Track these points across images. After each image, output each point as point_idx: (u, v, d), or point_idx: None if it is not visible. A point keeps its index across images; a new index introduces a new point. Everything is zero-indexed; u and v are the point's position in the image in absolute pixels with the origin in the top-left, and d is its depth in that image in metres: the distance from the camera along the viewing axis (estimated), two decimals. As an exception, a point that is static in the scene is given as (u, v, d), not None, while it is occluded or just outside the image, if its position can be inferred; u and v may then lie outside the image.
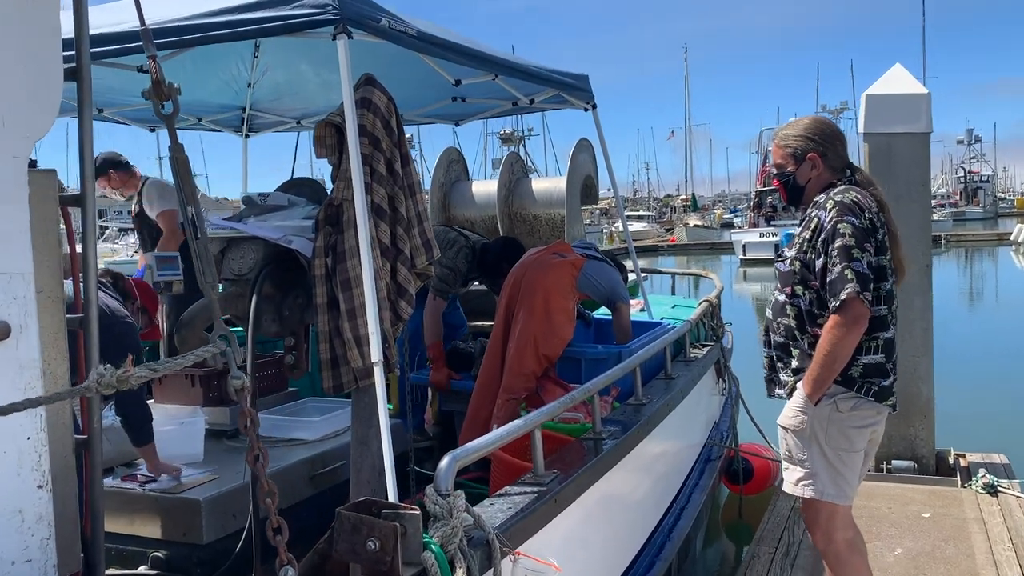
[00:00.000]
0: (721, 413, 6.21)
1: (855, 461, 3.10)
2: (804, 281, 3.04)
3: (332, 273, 3.19)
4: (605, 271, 5.05)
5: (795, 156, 3.16)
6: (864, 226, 2.93)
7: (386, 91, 3.23)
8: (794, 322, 3.09)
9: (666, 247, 47.35)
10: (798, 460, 3.10)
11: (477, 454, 2.49)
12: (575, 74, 5.21)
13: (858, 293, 2.83)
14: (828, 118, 3.28)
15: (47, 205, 2.17)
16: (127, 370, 1.44)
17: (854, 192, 3.02)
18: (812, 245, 3.00)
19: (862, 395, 3.00)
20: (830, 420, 3.02)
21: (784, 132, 3.23)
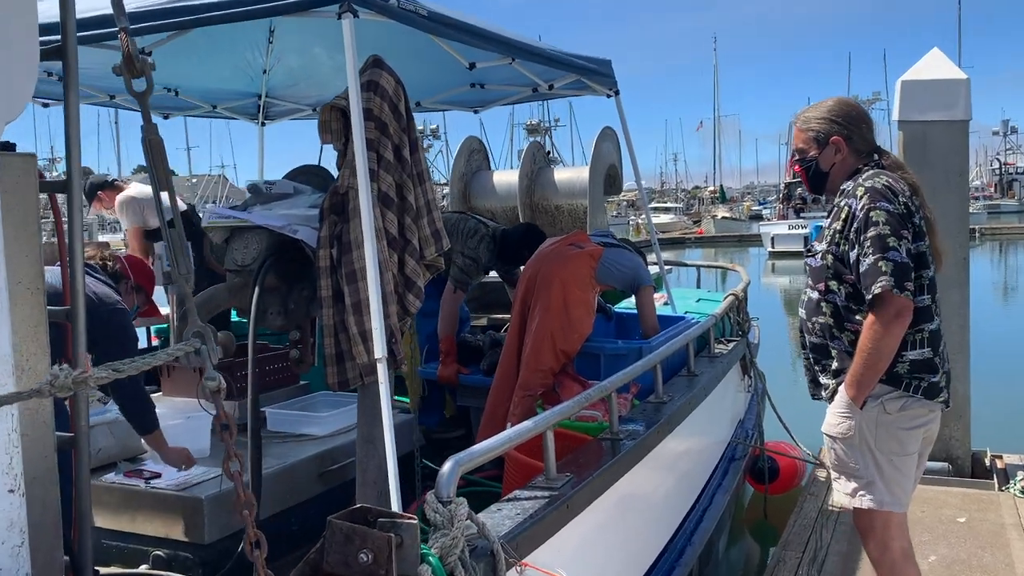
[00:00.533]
0: (747, 410, 6.02)
1: (908, 465, 2.90)
2: (838, 275, 2.85)
3: (337, 265, 3.05)
4: (625, 256, 4.88)
5: (818, 140, 2.97)
6: (899, 211, 2.73)
7: (394, 73, 3.09)
8: (831, 320, 2.89)
9: (693, 239, 46.88)
10: (850, 470, 2.90)
11: (482, 458, 2.34)
12: (597, 59, 5.03)
13: (892, 287, 2.64)
14: (853, 100, 3.07)
15: (25, 191, 2.05)
16: (84, 371, 1.31)
17: (884, 176, 2.82)
18: (844, 236, 2.80)
19: (910, 393, 2.80)
20: (878, 423, 2.82)
21: (806, 115, 3.03)
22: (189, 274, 1.70)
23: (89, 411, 3.80)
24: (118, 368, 1.40)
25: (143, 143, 1.67)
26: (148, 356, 1.48)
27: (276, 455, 3.91)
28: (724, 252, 39.11)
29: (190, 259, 1.78)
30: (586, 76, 4.90)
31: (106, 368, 1.39)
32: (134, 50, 1.64)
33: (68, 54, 2.13)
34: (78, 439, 2.34)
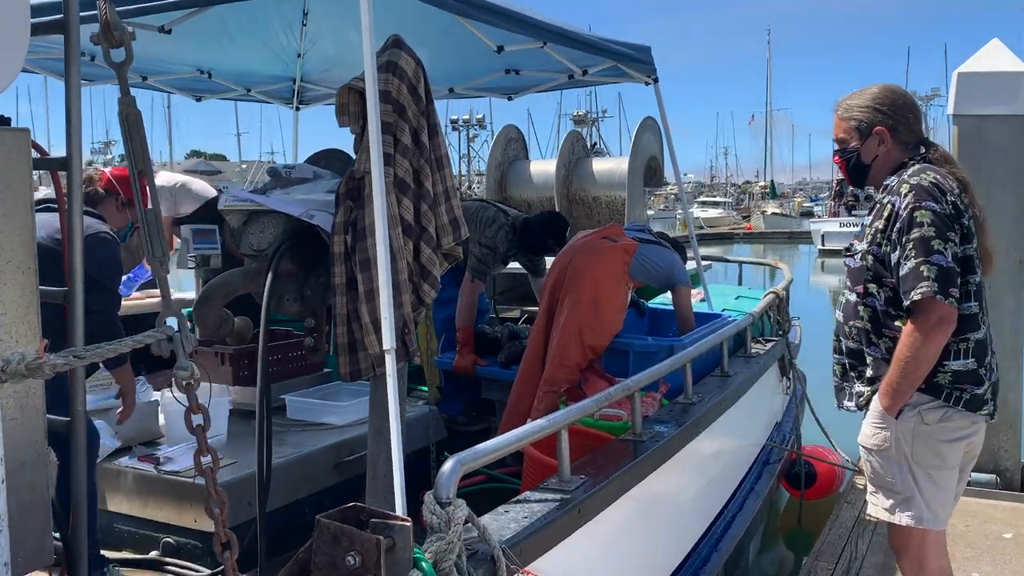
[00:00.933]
0: (784, 413, 5.82)
1: (948, 480, 2.69)
2: (878, 278, 2.66)
3: (352, 251, 2.96)
4: (661, 253, 4.73)
5: (860, 130, 2.75)
6: (946, 212, 2.52)
7: (415, 54, 2.97)
8: (868, 325, 2.70)
9: (742, 235, 46.12)
10: (887, 484, 2.71)
11: (487, 457, 2.23)
12: (635, 44, 4.86)
13: (935, 293, 2.45)
14: (900, 87, 2.84)
15: (17, 167, 1.98)
16: (39, 357, 1.22)
17: (932, 172, 2.61)
18: (887, 236, 2.60)
19: (951, 404, 2.60)
20: (915, 434, 2.63)
21: (848, 102, 2.81)
22: (164, 257, 1.61)
23: (101, 394, 3.81)
24: (79, 354, 1.31)
25: (119, 116, 1.59)
26: (114, 343, 1.39)
27: (293, 443, 3.86)
28: (773, 249, 38.41)
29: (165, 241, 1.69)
30: (623, 62, 4.74)
31: (66, 355, 1.30)
32: (113, 18, 1.56)
33: (70, 28, 2.05)
34: (74, 423, 2.28)
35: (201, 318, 3.33)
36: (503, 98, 6.17)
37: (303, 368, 4.56)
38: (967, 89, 5.07)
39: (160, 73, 5.34)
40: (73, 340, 2.23)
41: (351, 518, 1.93)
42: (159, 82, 5.46)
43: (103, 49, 1.67)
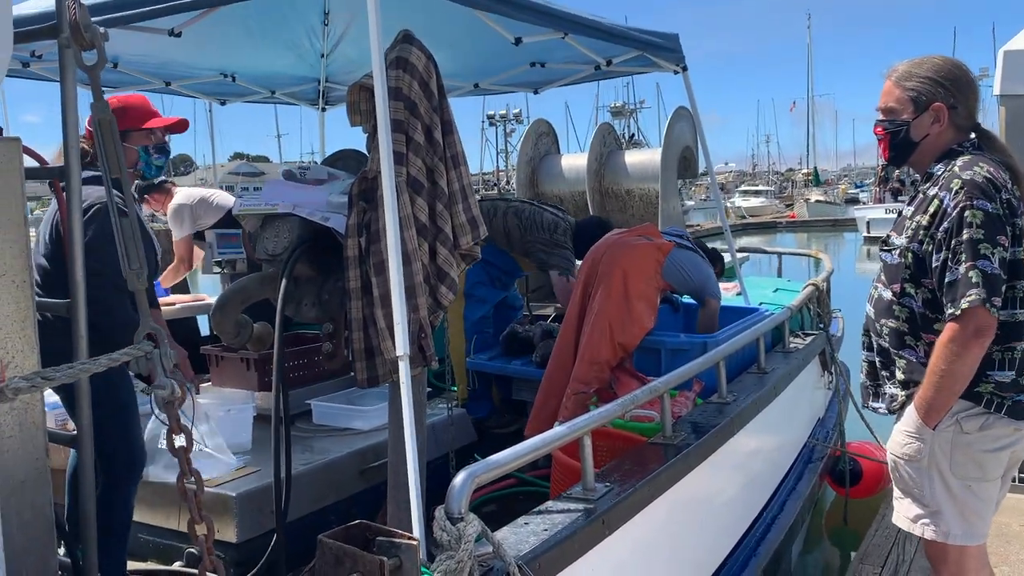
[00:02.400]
0: (827, 409, 5.62)
1: (989, 492, 2.50)
2: (916, 279, 2.45)
3: (366, 254, 2.87)
4: (697, 263, 4.63)
5: (916, 102, 2.48)
6: (998, 212, 2.30)
7: (426, 49, 2.88)
8: (905, 326, 2.51)
9: (785, 223, 45.37)
10: (915, 495, 2.53)
11: (502, 468, 2.13)
12: (662, 33, 4.71)
13: (984, 301, 2.25)
14: (963, 62, 2.52)
15: (10, 178, 1.93)
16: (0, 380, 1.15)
17: (985, 164, 2.37)
18: (930, 234, 2.39)
19: (992, 411, 2.40)
20: (954, 444, 2.43)
21: (906, 69, 2.51)
22: (142, 269, 1.53)
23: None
24: (48, 376, 1.24)
25: (92, 122, 1.51)
26: (89, 362, 1.32)
27: (318, 449, 3.80)
28: (818, 237, 37.68)
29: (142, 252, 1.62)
30: (649, 51, 4.60)
31: (33, 377, 1.23)
32: (84, 19, 1.48)
33: (62, 35, 2.00)
34: (81, 438, 2.23)
35: (218, 325, 3.28)
36: (529, 92, 6.06)
37: (331, 372, 4.51)
38: (1014, 68, 4.83)
39: (183, 78, 5.34)
40: (77, 353, 2.19)
41: (356, 536, 1.85)
42: (182, 87, 5.45)
43: (74, 52, 1.60)
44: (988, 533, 2.59)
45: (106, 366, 1.36)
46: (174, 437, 1.46)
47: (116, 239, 1.58)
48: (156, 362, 1.42)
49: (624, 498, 2.53)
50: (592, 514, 2.39)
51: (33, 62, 4.24)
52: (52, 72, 4.43)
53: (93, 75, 1.60)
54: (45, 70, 4.39)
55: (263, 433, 3.85)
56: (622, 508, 2.51)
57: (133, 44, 3.96)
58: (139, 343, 1.43)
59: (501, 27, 3.74)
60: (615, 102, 64.84)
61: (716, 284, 4.67)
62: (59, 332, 2.20)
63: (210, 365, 4.41)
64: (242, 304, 3.27)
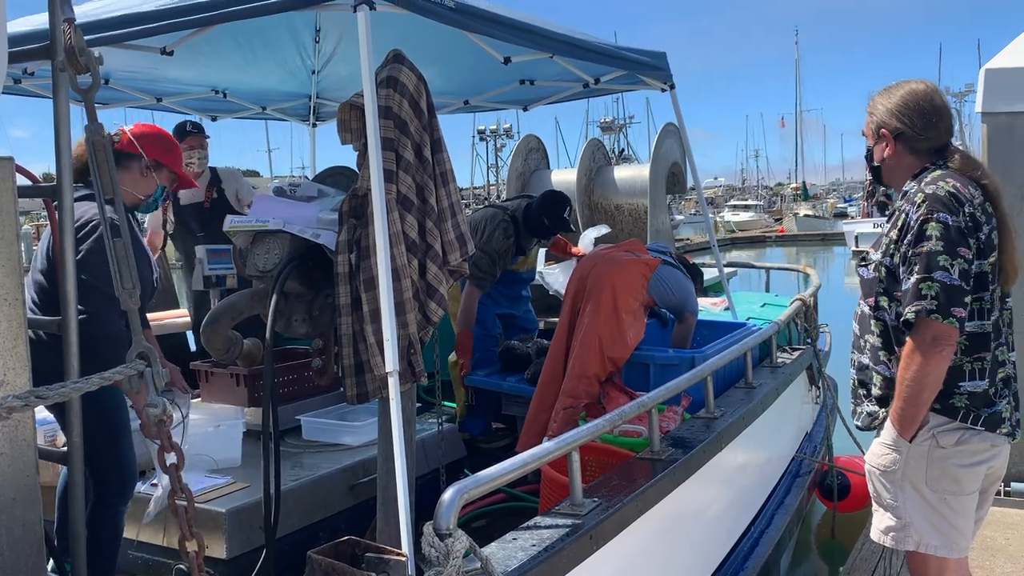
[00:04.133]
0: (814, 423, 5.66)
1: (966, 506, 2.53)
2: (889, 291, 2.52)
3: (356, 271, 2.90)
4: (679, 280, 4.67)
5: (875, 130, 2.65)
6: (959, 225, 2.37)
7: (416, 69, 2.91)
8: (879, 340, 2.57)
9: (774, 238, 45.63)
10: (887, 506, 2.58)
11: (490, 484, 2.15)
12: (649, 52, 4.77)
13: (930, 312, 2.31)
14: (934, 88, 2.65)
15: (3, 197, 1.94)
16: (-8, 400, 1.17)
17: (951, 180, 2.46)
18: (897, 248, 2.47)
19: (968, 425, 2.45)
20: (930, 459, 2.48)
21: (874, 99, 2.69)
22: (134, 288, 1.55)
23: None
24: (42, 395, 1.26)
25: (87, 144, 1.54)
26: (82, 380, 1.33)
27: (308, 465, 3.80)
28: (807, 251, 37.90)
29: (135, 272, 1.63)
30: (636, 70, 4.65)
31: (27, 396, 1.25)
32: (79, 43, 1.51)
33: (56, 55, 2.02)
34: (71, 455, 2.24)
35: (208, 341, 3.29)
36: (519, 109, 6.11)
37: (320, 387, 4.52)
38: (996, 85, 4.90)
39: (174, 94, 5.36)
40: (68, 371, 2.20)
41: (345, 552, 1.86)
42: (174, 103, 5.47)
43: (69, 75, 1.62)
44: (969, 548, 2.62)
45: (99, 384, 1.38)
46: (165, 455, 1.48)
47: (108, 258, 1.60)
48: (148, 381, 1.44)
49: (612, 513, 2.56)
50: (580, 529, 2.41)
51: (25, 79, 4.25)
52: (43, 88, 4.46)
53: (88, 98, 1.62)
54: (37, 87, 4.40)
55: (252, 448, 3.86)
56: (610, 523, 2.54)
57: (125, 61, 3.99)
58: (131, 362, 1.45)
59: (490, 47, 3.79)
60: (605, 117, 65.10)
61: (695, 300, 4.73)
62: (52, 349, 2.22)
63: (200, 381, 4.41)
64: (233, 320, 3.28)
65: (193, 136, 5.09)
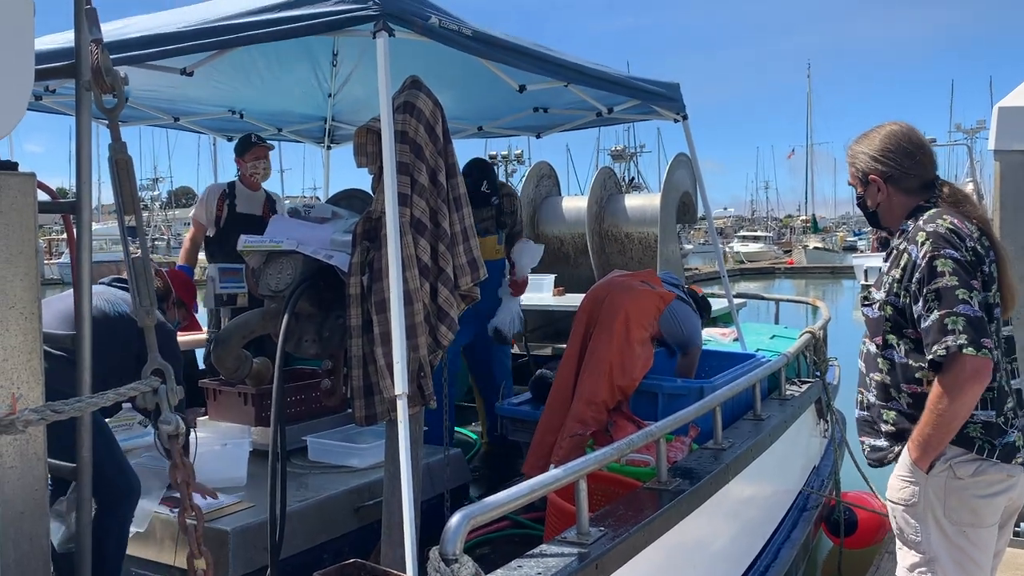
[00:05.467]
0: (822, 457, 5.62)
1: (985, 539, 2.50)
2: (898, 329, 2.52)
3: (368, 293, 2.91)
4: (689, 317, 4.68)
5: (861, 178, 2.68)
6: (966, 259, 2.39)
7: (432, 95, 2.95)
8: (888, 378, 2.56)
9: (783, 269, 45.53)
10: (911, 542, 2.55)
11: (496, 511, 2.14)
12: (663, 82, 4.81)
13: (962, 347, 2.30)
14: (910, 127, 2.69)
15: (22, 211, 1.97)
16: (11, 412, 1.18)
17: (949, 217, 2.48)
18: (903, 287, 2.48)
19: (984, 456, 2.43)
20: (948, 489, 2.46)
21: (853, 147, 2.72)
22: (152, 306, 1.57)
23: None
24: (57, 409, 1.27)
25: (110, 163, 1.56)
26: (96, 396, 1.34)
27: (313, 487, 3.79)
28: (816, 284, 37.79)
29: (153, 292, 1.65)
30: (650, 100, 4.69)
31: (43, 409, 1.26)
32: (105, 64, 1.53)
33: (80, 73, 2.05)
34: (80, 470, 2.25)
35: (219, 359, 3.31)
36: (532, 136, 6.15)
37: (328, 408, 4.52)
38: (1008, 124, 4.91)
39: (192, 114, 5.42)
40: (80, 387, 2.21)
41: (350, 575, 1.86)
42: (191, 123, 5.53)
43: (95, 95, 1.65)
44: None
45: (114, 400, 1.39)
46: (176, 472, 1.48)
47: (128, 277, 1.61)
48: (163, 398, 1.45)
49: (618, 543, 2.54)
50: (586, 558, 2.40)
51: (46, 96, 4.31)
52: (63, 105, 4.51)
53: (112, 117, 1.65)
54: (57, 103, 4.46)
55: (259, 468, 3.86)
56: (616, 553, 2.52)
57: (144, 80, 4.03)
58: (146, 379, 1.46)
59: (506, 75, 3.83)
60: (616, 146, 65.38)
61: (700, 334, 4.74)
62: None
63: (208, 399, 4.41)
64: (243, 340, 3.30)
65: (259, 147, 5.23)
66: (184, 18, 3.16)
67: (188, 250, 5.39)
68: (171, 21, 3.19)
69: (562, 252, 7.73)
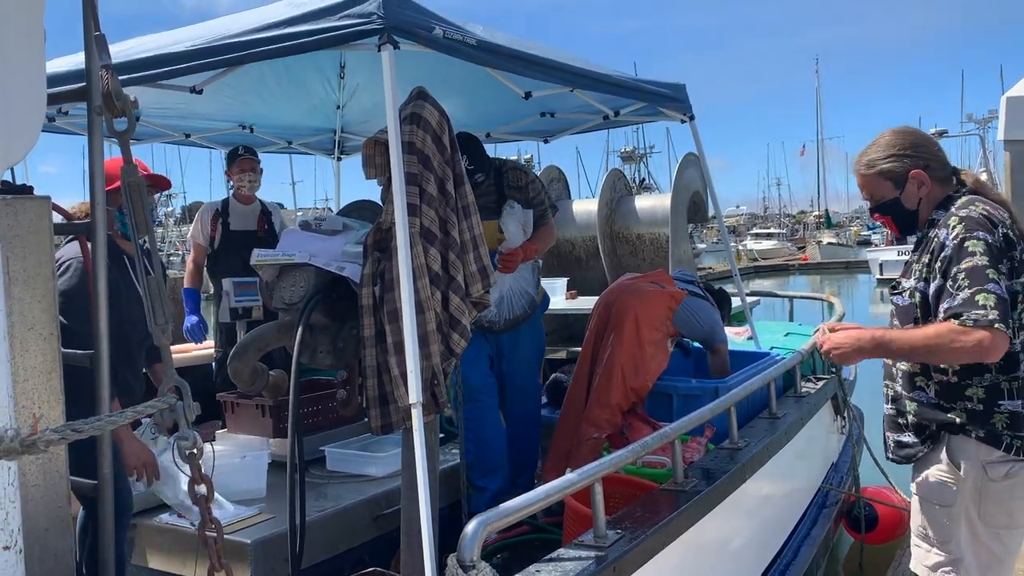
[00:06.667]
0: (840, 454, 5.60)
1: (1015, 541, 2.52)
2: (926, 316, 2.52)
3: (380, 303, 2.94)
4: (706, 310, 4.67)
5: (894, 180, 2.63)
6: (998, 244, 2.40)
7: (439, 106, 2.97)
8: (916, 366, 2.56)
9: (797, 266, 45.33)
10: (937, 540, 2.53)
11: (512, 516, 2.16)
12: (669, 84, 4.82)
13: (993, 323, 2.28)
14: (908, 125, 2.74)
15: (39, 234, 2.01)
16: (33, 432, 1.21)
17: (982, 204, 2.49)
18: (932, 270, 2.48)
19: (1013, 455, 2.43)
20: (983, 492, 2.46)
21: (868, 158, 2.67)
22: (167, 324, 1.59)
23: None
24: (78, 428, 1.30)
25: (122, 185, 1.59)
26: (116, 414, 1.37)
27: (331, 496, 3.82)
28: (830, 279, 37.60)
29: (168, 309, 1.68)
30: (656, 102, 4.70)
31: (64, 429, 1.28)
32: (115, 88, 1.57)
33: (92, 97, 2.08)
34: (102, 487, 2.28)
35: (235, 372, 3.33)
36: (539, 141, 6.17)
37: (344, 418, 4.54)
38: (1018, 113, 4.90)
39: (202, 130, 5.47)
40: (99, 405, 2.25)
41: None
42: (202, 139, 5.59)
43: (106, 118, 1.68)
44: None
45: (132, 418, 1.42)
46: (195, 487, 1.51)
47: (143, 297, 1.64)
48: (180, 414, 1.48)
49: (636, 545, 2.55)
50: (604, 561, 2.41)
51: (59, 118, 4.37)
52: (75, 126, 4.57)
53: (123, 140, 1.68)
54: (70, 124, 4.52)
55: (277, 479, 3.89)
56: (634, 555, 2.53)
57: (154, 98, 4.08)
58: (163, 396, 1.49)
59: (512, 82, 3.85)
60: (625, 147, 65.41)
61: (723, 328, 4.70)
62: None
63: (225, 412, 4.46)
64: (259, 352, 3.33)
65: (245, 159, 5.17)
66: (191, 36, 3.21)
67: (192, 272, 5.27)
68: (180, 39, 3.23)
69: (574, 255, 7.73)
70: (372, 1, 2.76)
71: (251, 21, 3.03)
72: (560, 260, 7.74)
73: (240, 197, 5.21)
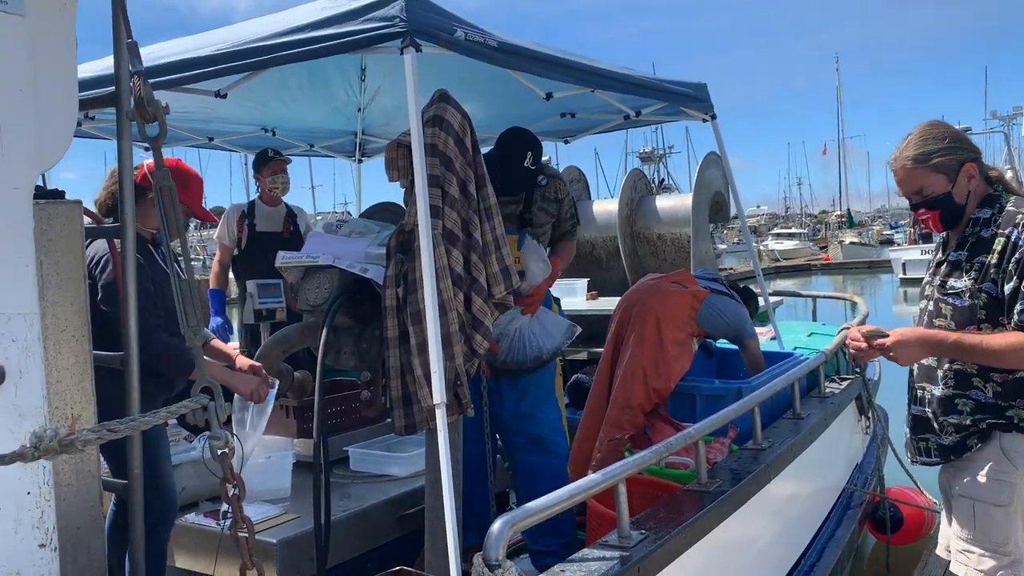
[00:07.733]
0: (864, 454, 5.56)
1: None
2: (993, 318, 2.47)
3: (403, 304, 2.96)
4: (731, 307, 4.63)
5: (946, 172, 2.57)
6: None
7: (461, 108, 2.99)
8: (973, 367, 2.51)
9: (819, 266, 44.97)
10: (994, 544, 2.50)
11: (537, 516, 2.17)
12: (690, 83, 4.81)
13: None
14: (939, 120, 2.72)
15: (71, 238, 2.04)
16: (71, 432, 1.23)
17: None
18: (1002, 270, 2.44)
19: None
20: None
21: (919, 151, 2.60)
22: (199, 326, 1.62)
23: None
24: (113, 428, 1.32)
25: (154, 189, 1.61)
26: (148, 415, 1.39)
27: (355, 496, 3.84)
28: (853, 279, 37.30)
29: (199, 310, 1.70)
30: (677, 102, 4.69)
31: (100, 429, 1.31)
32: (147, 94, 1.59)
33: (121, 102, 2.12)
34: (132, 487, 2.31)
35: (259, 374, 3.37)
36: (560, 141, 6.18)
37: (367, 419, 4.57)
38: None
39: (225, 134, 5.52)
40: (130, 404, 2.28)
41: (396, 584, 1.89)
42: (225, 142, 5.64)
43: (138, 124, 1.71)
44: None
45: (165, 418, 1.44)
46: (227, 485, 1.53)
47: (175, 300, 1.67)
48: (212, 414, 1.50)
49: (660, 545, 2.55)
50: (628, 562, 2.41)
51: (85, 122, 4.43)
52: (102, 131, 4.63)
53: (155, 146, 1.71)
54: (96, 129, 4.57)
55: (302, 479, 3.92)
56: (658, 556, 2.53)
57: (178, 102, 4.12)
58: (195, 396, 1.51)
59: (532, 83, 3.86)
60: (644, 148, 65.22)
61: (751, 324, 4.65)
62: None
63: (250, 412, 4.49)
64: (284, 353, 3.36)
65: (275, 162, 5.22)
66: (216, 41, 3.24)
67: (217, 273, 5.31)
68: (204, 44, 3.27)
69: (594, 256, 7.73)
70: (395, 4, 2.77)
71: (275, 25, 3.06)
72: (580, 260, 7.74)
73: (267, 199, 5.26)
